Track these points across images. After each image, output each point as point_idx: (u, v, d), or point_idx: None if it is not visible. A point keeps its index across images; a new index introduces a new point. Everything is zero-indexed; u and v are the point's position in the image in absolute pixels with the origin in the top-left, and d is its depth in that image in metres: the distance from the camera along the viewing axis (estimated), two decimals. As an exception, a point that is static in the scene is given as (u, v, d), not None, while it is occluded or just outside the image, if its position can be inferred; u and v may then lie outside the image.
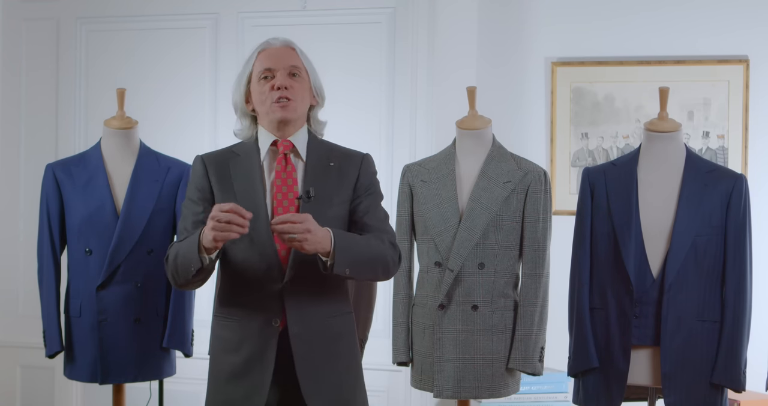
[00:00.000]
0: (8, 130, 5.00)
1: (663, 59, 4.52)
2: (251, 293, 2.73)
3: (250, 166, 2.77)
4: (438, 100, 4.49)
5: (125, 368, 3.62)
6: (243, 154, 2.80)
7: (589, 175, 3.37)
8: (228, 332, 2.77)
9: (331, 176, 2.79)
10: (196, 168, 2.83)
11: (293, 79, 2.76)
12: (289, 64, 2.76)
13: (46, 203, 3.68)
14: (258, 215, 2.69)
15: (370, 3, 4.65)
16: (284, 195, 2.74)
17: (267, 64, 2.76)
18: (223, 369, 2.76)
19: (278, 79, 2.74)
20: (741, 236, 3.22)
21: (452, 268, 3.34)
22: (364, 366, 3.61)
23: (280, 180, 2.76)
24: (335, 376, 2.77)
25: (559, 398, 4.19)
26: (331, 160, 2.82)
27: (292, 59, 2.78)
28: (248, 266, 2.73)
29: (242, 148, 2.83)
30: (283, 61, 2.76)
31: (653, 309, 3.23)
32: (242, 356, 2.72)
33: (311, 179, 2.76)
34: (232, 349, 2.74)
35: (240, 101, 2.82)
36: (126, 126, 3.74)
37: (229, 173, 2.77)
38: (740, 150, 4.48)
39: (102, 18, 4.92)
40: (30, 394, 4.95)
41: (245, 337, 2.73)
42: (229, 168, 2.78)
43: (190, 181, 2.84)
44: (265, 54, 2.79)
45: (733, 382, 3.21)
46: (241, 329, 2.74)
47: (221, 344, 2.79)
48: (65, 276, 3.71)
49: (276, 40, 2.82)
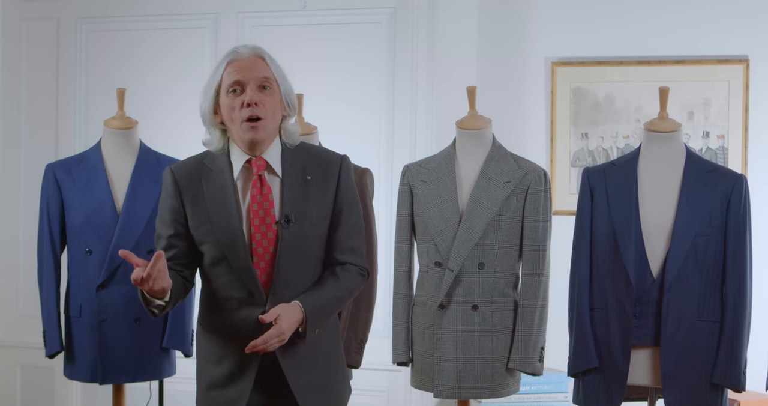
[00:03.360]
0: (8, 131, 5.00)
1: (663, 59, 4.52)
2: (233, 314, 2.70)
3: (222, 187, 2.67)
4: (438, 100, 4.49)
5: (125, 368, 3.62)
6: (216, 169, 2.70)
7: (589, 175, 3.37)
8: (210, 343, 2.76)
9: (310, 193, 2.71)
10: (166, 184, 2.73)
11: (263, 93, 2.64)
12: (259, 76, 2.64)
13: (46, 203, 3.68)
14: (235, 242, 2.64)
15: (370, 3, 4.65)
16: (261, 220, 2.65)
17: (236, 77, 2.64)
18: (206, 378, 2.76)
19: (248, 95, 2.62)
20: (741, 236, 3.22)
21: (452, 268, 3.33)
22: (364, 366, 3.64)
23: (257, 204, 2.66)
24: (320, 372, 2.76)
25: (559, 398, 4.19)
26: (307, 174, 2.72)
27: (261, 70, 2.65)
28: (229, 289, 2.69)
29: (214, 161, 2.72)
30: (252, 73, 2.64)
31: (653, 309, 3.23)
32: (222, 369, 2.71)
33: (289, 200, 2.67)
34: (214, 360, 2.74)
35: (208, 113, 2.70)
36: (126, 126, 3.74)
37: (202, 192, 2.68)
38: (740, 150, 4.48)
39: (102, 18, 4.92)
40: (30, 394, 4.95)
41: (225, 353, 2.71)
42: (201, 185, 2.69)
43: (162, 198, 2.74)
44: (234, 66, 2.65)
45: (733, 382, 3.21)
46: (222, 343, 2.72)
47: (203, 352, 2.78)
48: (65, 276, 3.71)
49: (245, 48, 2.69)
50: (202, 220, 2.68)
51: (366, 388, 4.41)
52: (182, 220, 2.70)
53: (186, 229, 2.71)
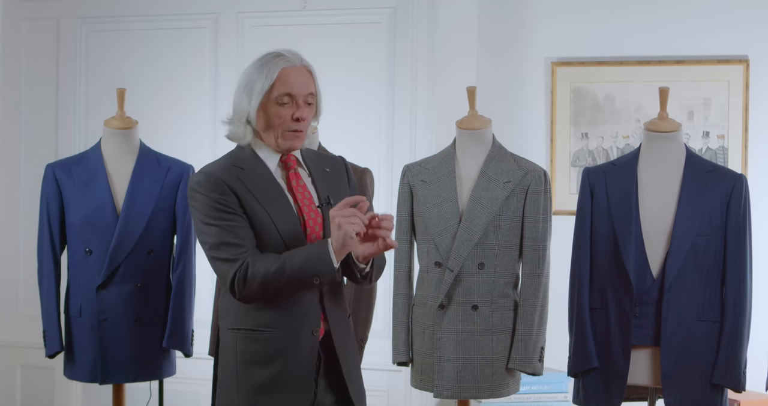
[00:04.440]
0: (8, 130, 5.00)
1: (663, 59, 4.52)
2: (290, 305, 2.68)
3: (266, 183, 2.72)
4: (438, 100, 4.49)
5: (125, 368, 3.62)
6: (248, 168, 2.73)
7: (589, 175, 3.37)
8: (259, 344, 2.68)
9: (333, 181, 2.83)
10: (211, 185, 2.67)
11: (308, 109, 2.74)
12: (307, 92, 2.72)
13: (46, 203, 3.68)
14: (293, 226, 2.68)
15: (370, 3, 4.65)
16: (309, 207, 2.74)
17: (289, 90, 2.69)
18: (250, 383, 2.68)
19: (300, 110, 2.71)
20: (741, 236, 3.22)
21: (452, 268, 3.33)
22: (364, 366, 3.63)
23: (300, 194, 2.75)
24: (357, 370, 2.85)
25: (559, 398, 4.19)
26: (325, 167, 2.85)
27: (310, 86, 2.74)
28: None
29: (242, 162, 2.74)
30: (303, 88, 2.71)
31: (653, 309, 3.23)
32: (276, 368, 2.67)
33: (322, 186, 2.79)
34: (263, 361, 2.68)
35: (252, 113, 2.72)
36: (126, 126, 3.74)
37: (246, 189, 2.70)
38: (740, 150, 4.48)
39: (102, 18, 4.93)
40: (30, 394, 4.95)
41: (282, 349, 2.67)
42: (243, 184, 2.70)
43: (208, 199, 2.66)
44: (287, 74, 2.70)
45: (733, 382, 3.21)
46: (275, 341, 2.68)
47: (245, 357, 2.69)
48: (65, 276, 3.71)
49: (295, 58, 2.74)
50: (259, 215, 2.68)
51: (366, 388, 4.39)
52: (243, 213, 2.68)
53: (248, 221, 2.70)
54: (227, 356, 2.73)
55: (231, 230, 2.64)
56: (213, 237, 2.65)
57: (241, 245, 2.63)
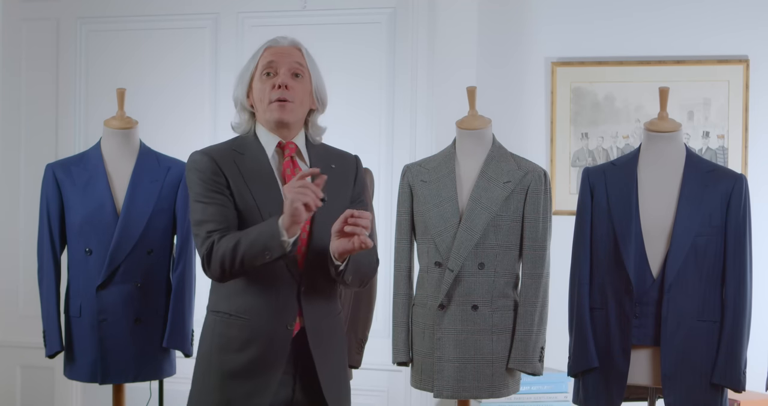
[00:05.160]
0: (8, 131, 5.00)
1: (663, 59, 4.52)
2: (266, 296, 2.69)
3: (260, 167, 2.73)
4: (438, 100, 4.49)
5: (125, 368, 3.62)
6: (247, 152, 2.75)
7: (589, 175, 3.37)
8: (234, 330, 2.71)
9: (335, 180, 2.77)
10: (204, 164, 2.71)
11: (295, 80, 2.73)
12: (293, 61, 2.74)
13: (46, 203, 3.68)
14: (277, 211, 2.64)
15: (370, 3, 4.65)
16: None
17: (270, 58, 2.74)
18: (222, 367, 2.71)
19: (280, 77, 2.72)
20: (741, 236, 3.22)
21: (452, 268, 3.33)
22: (364, 366, 3.65)
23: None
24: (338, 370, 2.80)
25: (559, 398, 4.19)
26: (331, 163, 2.81)
27: (296, 57, 2.76)
28: (264, 268, 2.65)
29: (243, 146, 2.77)
30: (286, 58, 2.74)
31: (653, 309, 3.23)
32: (247, 356, 2.69)
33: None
34: (236, 348, 2.70)
35: (241, 96, 2.78)
36: (126, 126, 3.74)
37: (239, 171, 2.71)
38: (740, 150, 4.48)
39: (102, 18, 4.93)
40: (30, 394, 4.95)
41: (254, 337, 2.69)
42: (237, 167, 2.72)
43: (199, 178, 2.71)
44: (270, 50, 2.77)
45: (733, 382, 3.21)
46: (249, 328, 2.69)
47: (221, 340, 2.73)
48: (65, 276, 3.71)
49: (284, 39, 2.80)
50: (245, 198, 2.70)
51: (366, 388, 4.41)
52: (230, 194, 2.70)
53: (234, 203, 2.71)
54: (206, 337, 2.77)
55: (213, 208, 2.68)
56: (197, 214, 2.70)
57: (219, 223, 2.66)
